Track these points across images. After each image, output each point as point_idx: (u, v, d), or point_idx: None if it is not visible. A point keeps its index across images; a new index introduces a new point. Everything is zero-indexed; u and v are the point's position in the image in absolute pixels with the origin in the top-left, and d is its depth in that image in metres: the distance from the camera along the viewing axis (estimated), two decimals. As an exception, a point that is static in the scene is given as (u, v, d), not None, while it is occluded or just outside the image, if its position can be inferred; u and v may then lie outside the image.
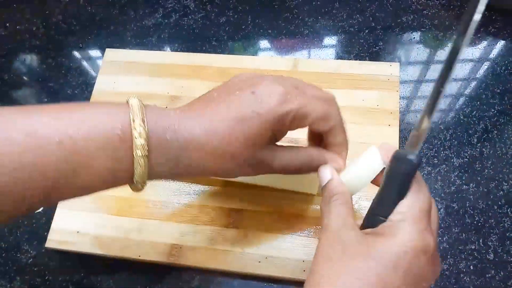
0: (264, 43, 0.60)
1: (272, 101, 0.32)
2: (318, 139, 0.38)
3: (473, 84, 0.52)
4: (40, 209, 0.52)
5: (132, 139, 0.29)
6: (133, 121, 0.30)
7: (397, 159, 0.29)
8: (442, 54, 0.55)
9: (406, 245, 0.27)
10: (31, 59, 0.64)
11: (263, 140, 0.33)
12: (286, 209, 0.46)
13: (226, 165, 0.33)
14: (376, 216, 0.29)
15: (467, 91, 0.52)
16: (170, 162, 0.32)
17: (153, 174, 0.31)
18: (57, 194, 0.30)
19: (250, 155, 0.33)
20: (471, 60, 0.54)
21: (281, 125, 0.33)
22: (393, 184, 0.29)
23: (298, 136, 0.50)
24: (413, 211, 0.28)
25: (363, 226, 0.31)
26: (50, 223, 0.49)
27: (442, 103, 0.51)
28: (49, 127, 0.28)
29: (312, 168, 0.36)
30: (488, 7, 0.54)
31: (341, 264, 0.28)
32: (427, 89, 0.53)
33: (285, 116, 0.32)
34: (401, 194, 0.29)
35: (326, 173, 0.34)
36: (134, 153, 0.30)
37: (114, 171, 0.30)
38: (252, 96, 0.32)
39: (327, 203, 0.32)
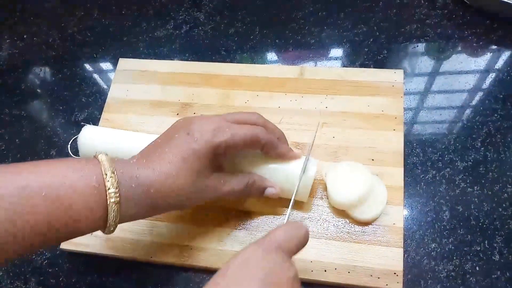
0: (271, 54, 0.62)
1: (204, 137, 0.39)
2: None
3: (476, 90, 0.54)
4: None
5: (105, 189, 0.35)
6: (105, 174, 0.35)
7: None
8: (446, 63, 0.56)
9: (246, 251, 0.33)
10: (47, 69, 0.66)
11: (206, 170, 0.40)
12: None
13: (183, 198, 0.39)
14: None
15: (470, 97, 0.53)
16: (137, 206, 0.37)
17: (123, 217, 0.37)
18: (49, 241, 0.34)
19: (199, 185, 0.40)
20: (474, 67, 0.55)
21: (217, 155, 0.40)
22: None
23: (304, 140, 0.52)
24: (267, 237, 0.34)
25: None
26: (65, 226, 0.50)
27: (446, 109, 0.53)
28: (36, 182, 0.33)
29: (254, 191, 0.44)
30: (489, 16, 0.56)
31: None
32: (431, 98, 0.54)
33: (218, 147, 0.39)
34: None
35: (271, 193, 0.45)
36: (108, 201, 0.35)
37: (93, 218, 0.35)
38: (187, 137, 0.39)
39: None
